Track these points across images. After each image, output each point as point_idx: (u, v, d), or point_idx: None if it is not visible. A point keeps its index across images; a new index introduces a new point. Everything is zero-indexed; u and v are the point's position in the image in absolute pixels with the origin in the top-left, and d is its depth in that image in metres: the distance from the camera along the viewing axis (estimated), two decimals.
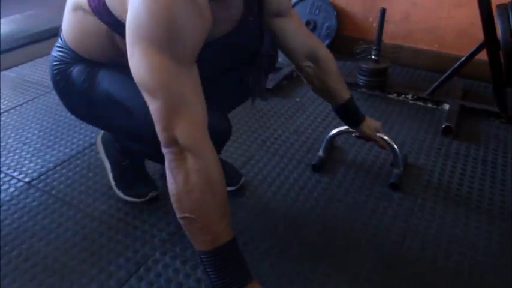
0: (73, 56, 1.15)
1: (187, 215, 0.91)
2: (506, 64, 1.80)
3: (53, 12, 2.40)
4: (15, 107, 2.03)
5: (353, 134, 1.61)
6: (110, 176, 1.48)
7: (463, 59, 1.98)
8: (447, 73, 2.05)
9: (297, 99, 2.18)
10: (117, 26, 0.97)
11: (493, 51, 1.85)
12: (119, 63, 1.00)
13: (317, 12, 2.61)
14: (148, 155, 1.35)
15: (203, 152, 0.90)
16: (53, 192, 1.50)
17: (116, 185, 1.47)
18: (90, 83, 1.12)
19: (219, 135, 1.05)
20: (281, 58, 1.38)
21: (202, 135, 0.90)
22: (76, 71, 1.14)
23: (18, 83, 2.27)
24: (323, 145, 1.70)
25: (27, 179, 1.56)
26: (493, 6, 1.78)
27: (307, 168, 1.65)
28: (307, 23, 2.61)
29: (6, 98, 2.10)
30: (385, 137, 1.55)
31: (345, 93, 1.43)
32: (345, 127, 1.62)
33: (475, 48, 1.93)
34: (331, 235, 1.35)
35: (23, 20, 3.06)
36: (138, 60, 0.86)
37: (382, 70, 2.17)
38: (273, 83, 2.23)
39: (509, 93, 1.93)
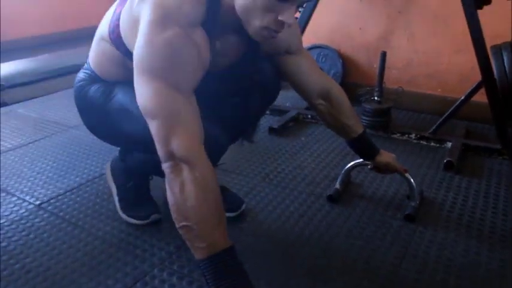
0: (94, 77, 1.32)
1: (184, 223, 0.96)
2: (504, 100, 1.86)
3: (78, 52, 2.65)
4: (34, 141, 2.15)
5: (368, 166, 1.63)
6: (116, 199, 1.54)
7: (462, 97, 2.04)
8: (449, 111, 2.10)
9: (302, 139, 2.24)
10: (129, 54, 1.10)
11: (491, 89, 1.92)
12: (131, 82, 1.12)
13: (324, 60, 2.75)
14: (152, 167, 1.42)
15: (198, 162, 0.97)
16: (61, 214, 1.56)
17: (120, 207, 1.52)
18: (107, 95, 1.28)
19: (214, 145, 1.11)
20: (289, 102, 1.46)
21: (197, 147, 0.99)
22: (95, 86, 1.31)
23: (38, 121, 2.42)
24: (340, 178, 1.73)
25: (37, 202, 1.63)
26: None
27: (308, 198, 1.68)
28: None
29: (26, 134, 2.23)
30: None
31: (358, 128, 1.48)
32: (360, 160, 1.65)
33: (473, 86, 2.00)
34: (329, 259, 1.36)
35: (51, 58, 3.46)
36: (140, 87, 0.99)
37: (385, 110, 2.24)
38: (279, 123, 2.31)
39: (510, 130, 1.96)
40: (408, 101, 2.55)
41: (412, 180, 1.58)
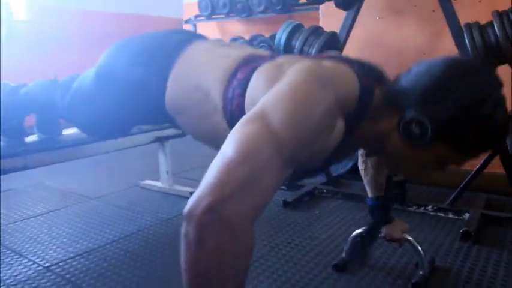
0: None
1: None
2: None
3: None
4: (55, 210, 2.24)
5: (380, 234, 1.58)
6: None
7: (478, 166, 2.01)
8: (465, 181, 2.06)
9: (316, 212, 2.22)
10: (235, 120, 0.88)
11: (505, 157, 1.89)
12: None
13: None
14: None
15: (244, 232, 0.75)
16: (67, 276, 1.58)
17: None
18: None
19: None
20: None
21: (252, 219, 0.76)
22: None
23: (63, 192, 2.53)
24: (346, 246, 1.67)
25: (46, 264, 1.66)
26: None
27: (316, 267, 1.63)
28: None
29: (49, 204, 2.33)
30: (410, 238, 1.53)
31: (382, 190, 1.48)
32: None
33: (486, 156, 1.97)
34: None
35: None
36: (247, 129, 0.78)
37: (399, 183, 2.21)
38: (294, 197, 2.31)
39: None
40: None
41: (419, 247, 1.52)
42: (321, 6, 2.87)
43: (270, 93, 0.84)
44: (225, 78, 1.00)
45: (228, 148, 0.76)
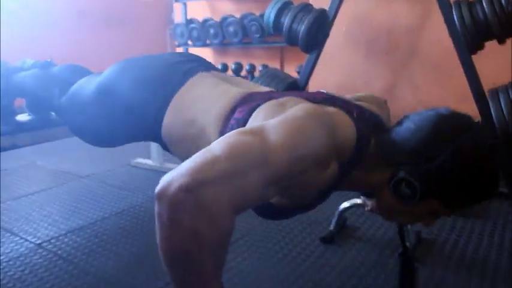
0: None
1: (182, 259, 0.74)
2: (504, 142, 1.83)
3: None
4: (46, 189, 2.25)
5: (366, 208, 1.60)
6: None
7: None
8: None
9: None
10: None
11: (492, 133, 1.90)
12: None
13: None
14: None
15: (221, 215, 0.72)
16: (59, 252, 1.60)
17: None
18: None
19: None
20: None
21: (229, 210, 0.73)
22: None
23: (54, 172, 2.54)
24: (334, 219, 1.71)
25: (38, 242, 1.68)
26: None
27: (304, 240, 1.66)
28: None
29: (40, 183, 2.33)
30: None
31: None
32: (354, 201, 1.64)
33: None
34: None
35: None
36: (243, 139, 0.78)
37: None
38: None
39: None
40: None
41: None
42: None
43: (272, 119, 0.84)
44: (221, 117, 0.98)
45: (217, 146, 0.76)
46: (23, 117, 1.68)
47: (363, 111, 0.97)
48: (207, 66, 1.19)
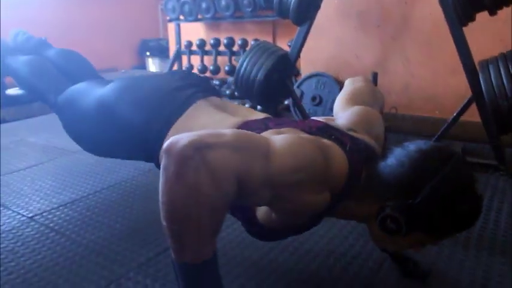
0: None
1: (183, 216, 0.77)
2: (493, 114, 1.85)
3: None
4: (38, 164, 2.25)
5: None
6: None
7: (455, 114, 2.04)
8: (442, 129, 2.10)
9: None
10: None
11: (481, 104, 1.91)
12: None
13: (322, 87, 2.80)
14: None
15: (224, 181, 0.75)
16: (51, 225, 1.61)
17: None
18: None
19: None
20: None
21: (233, 173, 0.77)
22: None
23: (45, 147, 2.53)
24: None
25: (30, 215, 1.69)
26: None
27: None
28: (313, 98, 2.79)
29: (32, 159, 2.33)
30: None
31: None
32: None
33: (463, 103, 2.00)
34: (306, 264, 1.35)
35: None
36: (250, 133, 0.87)
37: None
38: None
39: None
40: (406, 124, 2.54)
41: None
42: None
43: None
44: None
45: (226, 131, 0.81)
46: (12, 92, 1.67)
47: (356, 142, 1.01)
48: (206, 91, 1.26)
